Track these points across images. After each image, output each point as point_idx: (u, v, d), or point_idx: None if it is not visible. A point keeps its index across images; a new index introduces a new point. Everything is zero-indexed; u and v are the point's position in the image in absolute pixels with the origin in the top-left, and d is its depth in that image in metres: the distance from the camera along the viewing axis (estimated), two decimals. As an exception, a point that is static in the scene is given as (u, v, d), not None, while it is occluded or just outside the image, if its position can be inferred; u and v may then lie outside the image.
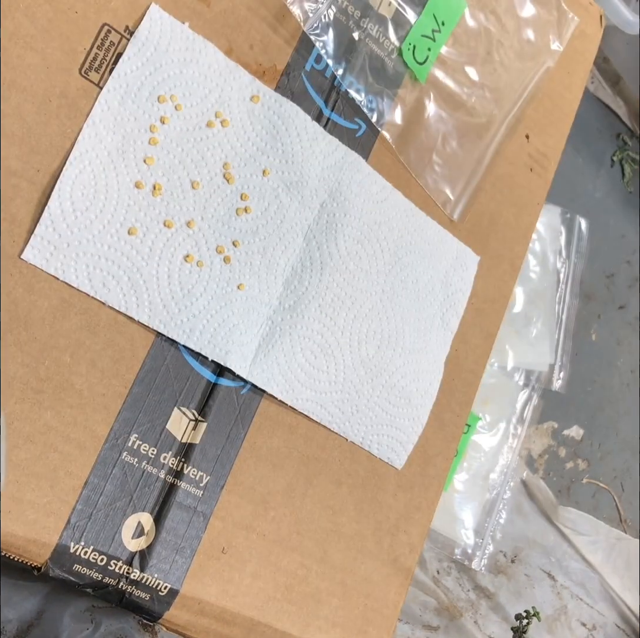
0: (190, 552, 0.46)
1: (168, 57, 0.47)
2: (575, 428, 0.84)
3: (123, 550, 0.44)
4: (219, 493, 0.48)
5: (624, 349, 0.90)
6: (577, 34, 0.67)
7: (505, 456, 0.73)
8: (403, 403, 0.55)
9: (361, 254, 0.54)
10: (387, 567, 0.54)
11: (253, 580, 0.48)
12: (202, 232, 0.48)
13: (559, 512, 0.78)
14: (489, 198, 0.61)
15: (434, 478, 0.57)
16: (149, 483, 0.45)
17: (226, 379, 0.48)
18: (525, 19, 0.63)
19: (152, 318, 0.46)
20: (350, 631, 0.52)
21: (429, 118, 0.58)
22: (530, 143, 0.64)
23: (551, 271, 0.79)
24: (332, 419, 0.52)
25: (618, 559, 0.81)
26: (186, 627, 0.47)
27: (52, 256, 0.43)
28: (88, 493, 0.43)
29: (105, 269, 0.44)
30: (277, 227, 0.50)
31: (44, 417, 0.42)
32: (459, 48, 0.60)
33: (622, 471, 0.87)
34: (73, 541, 0.42)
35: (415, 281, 0.56)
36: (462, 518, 0.71)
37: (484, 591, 0.74)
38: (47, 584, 0.51)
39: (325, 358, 0.52)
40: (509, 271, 0.62)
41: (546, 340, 0.78)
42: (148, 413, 0.46)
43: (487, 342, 0.61)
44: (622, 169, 0.94)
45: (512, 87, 0.63)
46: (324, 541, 0.51)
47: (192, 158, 0.47)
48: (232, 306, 0.48)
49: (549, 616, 0.77)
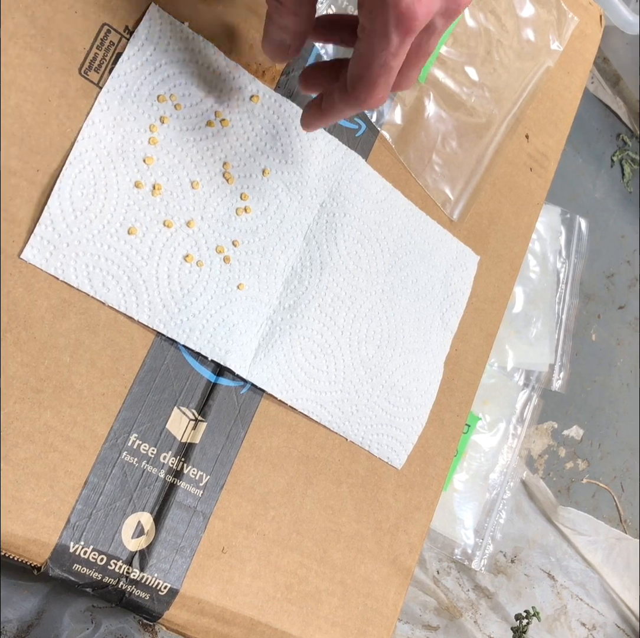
0: (190, 552, 0.46)
1: (168, 57, 0.47)
2: (575, 428, 0.84)
3: (123, 549, 0.44)
4: (219, 492, 0.48)
5: (624, 349, 0.90)
6: (577, 34, 0.67)
7: (505, 456, 0.73)
8: (403, 403, 0.55)
9: (361, 253, 0.54)
10: (387, 566, 0.54)
11: (253, 580, 0.48)
12: (201, 232, 0.48)
13: (559, 512, 0.78)
14: (488, 198, 0.61)
15: (433, 477, 0.57)
16: (149, 483, 0.45)
17: (226, 379, 0.48)
18: (525, 19, 0.63)
19: (151, 317, 0.46)
20: (350, 631, 0.52)
21: (428, 118, 0.58)
22: (530, 143, 0.64)
23: (551, 271, 0.79)
24: (332, 419, 0.52)
25: (618, 559, 0.81)
26: (186, 627, 0.47)
27: (51, 256, 0.43)
28: (88, 492, 0.43)
29: (105, 269, 0.44)
30: (277, 227, 0.50)
31: (44, 417, 0.42)
32: (458, 48, 0.60)
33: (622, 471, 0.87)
34: (73, 541, 0.42)
35: (415, 280, 0.56)
36: (462, 518, 0.71)
37: (483, 591, 0.73)
38: (47, 584, 0.51)
39: (325, 358, 0.52)
40: (508, 271, 0.62)
41: (546, 340, 0.78)
42: (148, 413, 0.46)
43: (487, 342, 0.61)
44: (622, 169, 0.94)
45: (512, 87, 0.63)
46: (323, 541, 0.51)
47: (191, 158, 0.47)
48: (232, 306, 0.48)
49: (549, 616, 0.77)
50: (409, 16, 0.37)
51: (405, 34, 0.38)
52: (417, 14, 0.37)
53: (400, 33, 0.38)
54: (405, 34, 0.38)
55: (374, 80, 0.40)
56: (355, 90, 0.41)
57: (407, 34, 0.38)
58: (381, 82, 0.40)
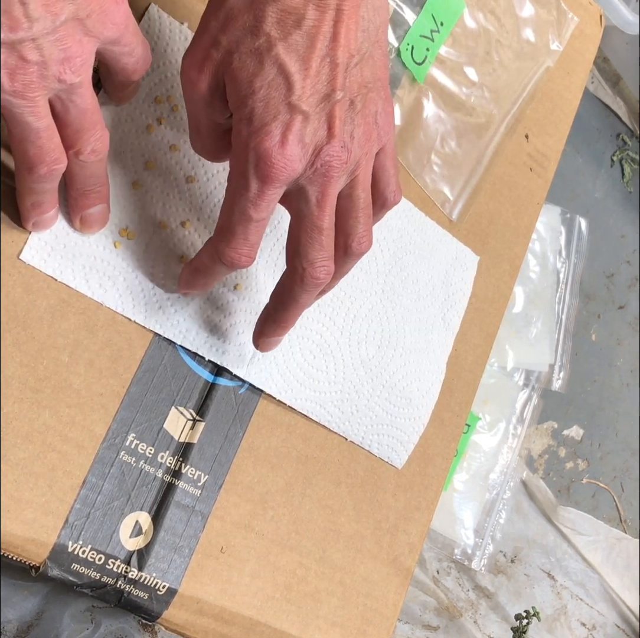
0: (188, 551, 0.46)
1: (166, 58, 0.47)
2: (575, 428, 0.84)
3: (121, 549, 0.44)
4: (218, 492, 0.48)
5: (624, 349, 0.90)
6: (577, 34, 0.67)
7: (505, 456, 0.73)
8: (404, 403, 0.55)
9: (360, 254, 0.54)
10: (387, 566, 0.54)
11: (252, 580, 0.48)
12: (197, 232, 0.48)
13: (559, 512, 0.78)
14: (488, 198, 0.61)
15: (433, 478, 0.57)
16: (147, 483, 0.45)
17: (224, 378, 0.48)
18: (525, 19, 0.63)
19: (148, 318, 0.46)
20: (349, 631, 0.52)
21: (427, 118, 0.58)
22: (529, 143, 0.64)
23: (551, 271, 0.79)
24: (332, 419, 0.52)
25: (618, 559, 0.81)
26: (185, 627, 0.47)
27: (49, 257, 0.43)
28: (86, 492, 0.43)
29: (101, 269, 0.44)
30: (275, 228, 0.50)
31: (42, 416, 0.42)
32: (458, 48, 0.60)
33: (622, 471, 0.87)
34: (71, 541, 0.43)
35: (416, 281, 0.56)
36: (462, 518, 0.71)
37: (483, 591, 0.73)
38: (46, 584, 0.51)
39: (324, 358, 0.52)
40: (508, 271, 0.62)
41: (546, 340, 0.78)
42: (146, 413, 0.46)
43: (487, 342, 0.61)
44: (622, 169, 0.94)
45: (512, 87, 0.63)
46: (323, 541, 0.51)
47: (188, 159, 0.48)
48: (229, 307, 0.48)
49: (549, 616, 0.77)
50: (267, 161, 0.36)
51: (264, 181, 0.37)
52: (275, 162, 0.37)
53: (258, 177, 0.37)
54: (263, 180, 0.37)
55: (232, 229, 0.39)
56: (216, 238, 0.40)
57: (265, 181, 0.37)
58: (239, 232, 0.39)
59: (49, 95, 0.36)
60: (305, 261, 0.40)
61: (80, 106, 0.37)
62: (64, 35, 0.35)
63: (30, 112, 0.35)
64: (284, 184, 0.38)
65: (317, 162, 0.38)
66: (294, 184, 0.39)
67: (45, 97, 0.36)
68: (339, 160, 0.38)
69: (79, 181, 0.41)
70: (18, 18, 0.33)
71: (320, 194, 0.39)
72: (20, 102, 0.35)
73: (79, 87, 0.36)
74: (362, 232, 0.42)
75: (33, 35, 0.33)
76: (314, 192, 0.39)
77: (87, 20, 0.35)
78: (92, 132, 0.39)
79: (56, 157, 0.38)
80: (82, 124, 0.38)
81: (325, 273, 0.40)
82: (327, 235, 0.40)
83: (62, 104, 0.37)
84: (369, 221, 0.42)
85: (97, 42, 0.37)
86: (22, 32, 0.33)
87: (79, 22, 0.35)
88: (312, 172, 0.38)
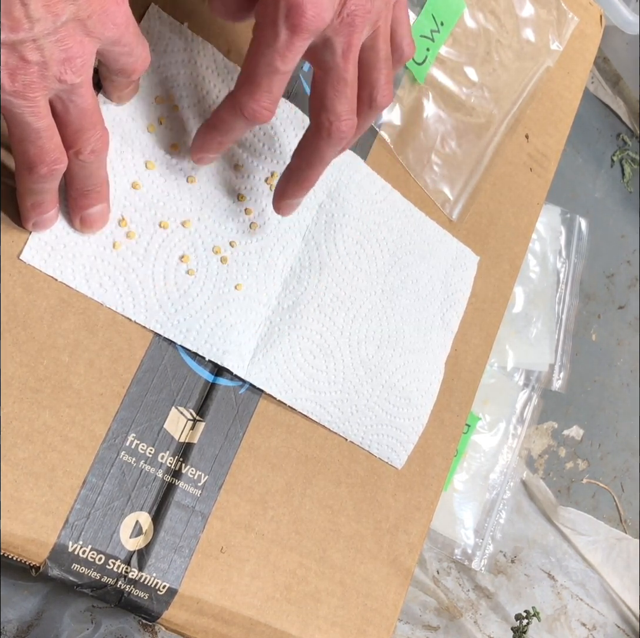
0: (188, 551, 0.46)
1: (166, 58, 0.47)
2: (575, 428, 0.84)
3: (121, 549, 0.44)
4: (218, 492, 0.48)
5: (624, 349, 0.90)
6: (577, 34, 0.67)
7: (505, 456, 0.73)
8: (403, 403, 0.55)
9: (360, 254, 0.54)
10: (387, 566, 0.54)
11: (252, 580, 0.48)
12: (198, 232, 0.48)
13: (559, 512, 0.78)
14: (488, 198, 0.61)
15: (433, 478, 0.57)
16: (147, 483, 0.45)
17: (224, 379, 0.48)
18: (525, 19, 0.63)
19: (148, 318, 0.46)
20: (349, 631, 0.52)
21: (427, 118, 0.58)
22: (530, 143, 0.64)
23: (551, 271, 0.79)
24: (332, 419, 0.52)
25: (618, 559, 0.81)
26: (185, 627, 0.47)
27: (50, 257, 0.43)
28: (86, 492, 0.43)
29: (102, 269, 0.44)
30: (275, 227, 0.50)
31: (43, 416, 0.42)
32: (458, 48, 0.60)
33: (622, 471, 0.87)
34: (71, 541, 0.43)
35: (415, 281, 0.56)
36: (462, 518, 0.71)
37: (483, 591, 0.73)
38: (46, 584, 0.51)
39: (324, 358, 0.52)
40: (508, 271, 0.62)
41: (546, 340, 0.78)
42: (146, 413, 0.46)
43: (487, 342, 0.61)
44: (622, 169, 0.94)
45: (512, 87, 0.63)
46: (323, 541, 0.51)
47: (189, 159, 0.47)
48: (230, 306, 0.48)
49: (549, 616, 0.77)
50: (299, 10, 0.37)
51: (294, 31, 0.37)
52: (307, 10, 0.37)
53: (288, 27, 0.37)
54: (293, 30, 0.37)
55: (257, 81, 0.39)
56: (238, 91, 0.40)
57: (295, 30, 0.37)
58: (264, 84, 0.39)
59: (50, 95, 0.36)
60: (332, 115, 0.40)
61: (80, 106, 0.37)
62: (65, 35, 0.35)
63: (31, 113, 0.36)
64: (313, 35, 0.38)
65: (343, 12, 0.38)
66: (320, 36, 0.39)
67: (46, 98, 0.36)
68: (364, 9, 0.39)
69: (79, 181, 0.41)
70: (19, 18, 0.33)
71: (346, 44, 0.39)
72: (20, 102, 0.35)
73: (79, 87, 0.36)
74: (385, 84, 0.42)
75: (34, 35, 0.33)
76: (340, 43, 0.39)
77: (88, 20, 0.35)
78: (92, 132, 0.39)
79: (56, 157, 0.38)
80: (82, 124, 0.38)
81: (350, 125, 0.41)
82: (352, 87, 0.40)
83: (63, 104, 0.37)
84: (391, 74, 0.43)
85: (98, 42, 0.37)
86: (23, 32, 0.33)
87: (80, 22, 0.35)
88: (339, 22, 0.38)
